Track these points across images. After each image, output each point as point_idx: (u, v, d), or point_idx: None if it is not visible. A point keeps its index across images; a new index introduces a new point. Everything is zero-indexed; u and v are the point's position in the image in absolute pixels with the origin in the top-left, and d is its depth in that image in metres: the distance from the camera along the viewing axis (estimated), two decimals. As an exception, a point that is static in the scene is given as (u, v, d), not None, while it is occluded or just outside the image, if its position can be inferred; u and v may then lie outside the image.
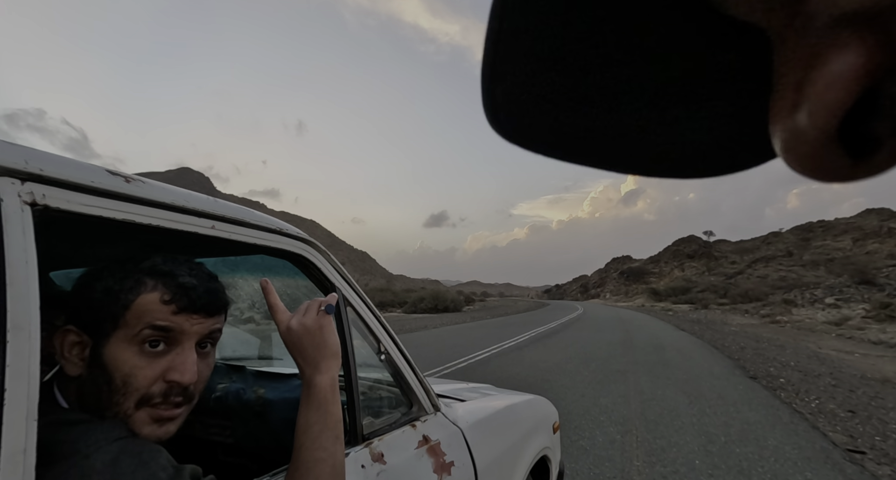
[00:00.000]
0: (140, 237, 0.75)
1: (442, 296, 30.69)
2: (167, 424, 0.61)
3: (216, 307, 0.67)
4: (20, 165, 0.50)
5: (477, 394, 1.63)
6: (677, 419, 4.27)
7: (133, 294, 0.60)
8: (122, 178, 0.63)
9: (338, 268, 0.98)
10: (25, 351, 0.44)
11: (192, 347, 0.64)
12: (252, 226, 0.82)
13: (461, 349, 9.15)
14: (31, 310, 0.46)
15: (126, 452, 0.51)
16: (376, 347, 1.05)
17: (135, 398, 0.59)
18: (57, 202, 0.53)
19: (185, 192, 0.73)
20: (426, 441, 1.04)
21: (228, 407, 1.30)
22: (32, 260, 0.48)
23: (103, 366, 0.58)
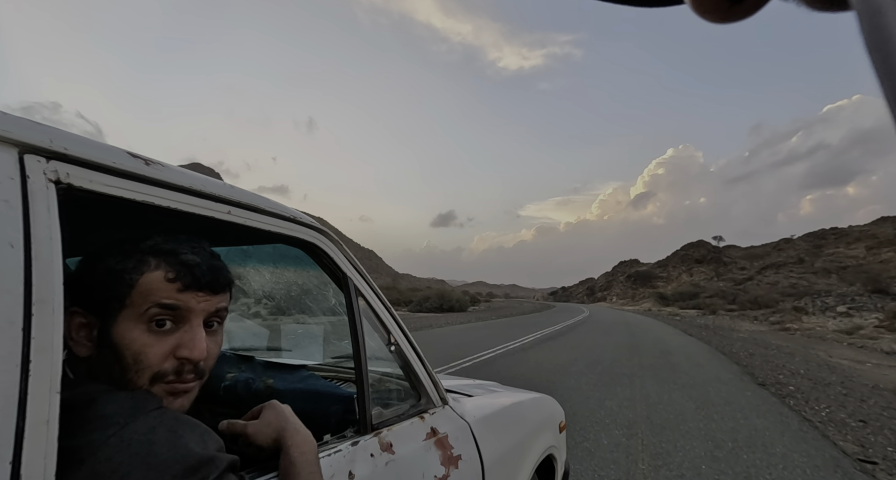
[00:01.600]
0: (155, 220, 0.76)
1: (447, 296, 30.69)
2: (181, 397, 0.62)
3: (220, 284, 0.67)
4: (45, 143, 0.51)
5: (484, 391, 1.63)
6: (683, 423, 4.23)
7: (137, 273, 0.61)
8: (142, 161, 0.64)
9: (350, 258, 0.98)
10: (49, 324, 0.44)
11: (199, 324, 0.64)
12: (267, 213, 0.82)
13: (466, 348, 9.14)
14: (55, 285, 0.46)
15: (162, 423, 0.52)
16: (386, 338, 1.05)
17: (147, 375, 0.59)
18: (80, 181, 0.54)
19: (202, 177, 0.74)
20: (434, 433, 1.03)
21: (237, 396, 1.31)
22: (56, 236, 0.49)
23: (113, 346, 0.59)
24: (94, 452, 0.48)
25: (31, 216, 0.47)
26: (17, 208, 0.46)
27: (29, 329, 0.43)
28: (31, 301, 0.44)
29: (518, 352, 8.99)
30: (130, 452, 0.49)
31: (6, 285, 0.42)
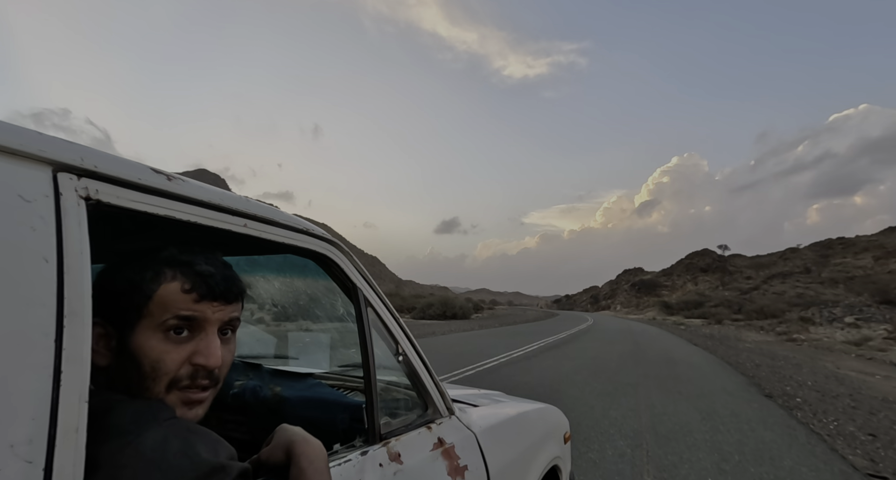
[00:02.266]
0: (174, 233, 0.78)
1: (451, 303, 30.60)
2: (196, 407, 0.64)
3: (234, 293, 0.69)
4: (77, 162, 0.54)
5: (489, 400, 1.63)
6: (689, 435, 4.18)
7: (155, 284, 0.63)
8: (164, 176, 0.66)
9: (359, 269, 1.00)
10: (80, 336, 0.46)
11: (214, 333, 0.66)
12: (280, 226, 0.84)
13: (470, 356, 9.10)
14: (85, 298, 0.49)
15: (174, 433, 0.53)
16: (394, 348, 1.06)
17: (164, 382, 0.61)
18: (108, 197, 0.56)
19: (220, 191, 0.76)
20: (441, 443, 1.04)
21: (245, 404, 1.33)
22: (86, 251, 0.51)
23: (131, 355, 0.61)
24: (110, 460, 0.49)
25: (64, 232, 0.49)
26: (51, 224, 0.48)
27: (61, 340, 0.45)
28: (63, 313, 0.46)
29: (522, 361, 8.94)
30: (145, 460, 0.50)
31: (41, 298, 0.44)
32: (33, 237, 0.46)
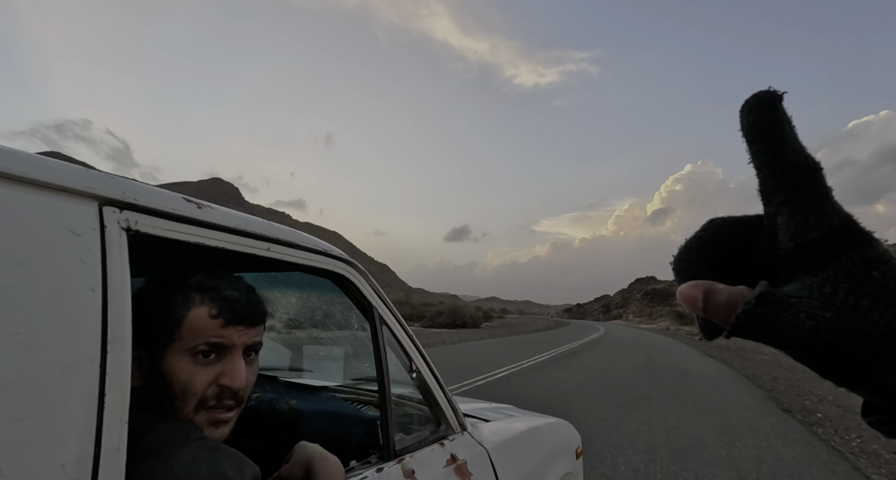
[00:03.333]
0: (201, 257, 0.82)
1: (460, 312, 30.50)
2: (222, 427, 0.67)
3: (257, 317, 0.73)
4: (119, 196, 0.58)
5: (500, 415, 1.64)
6: (705, 450, 4.10)
7: (184, 309, 0.66)
8: (195, 205, 0.70)
9: (375, 288, 1.03)
10: (121, 361, 0.50)
11: (239, 355, 0.70)
12: (301, 248, 0.88)
13: (479, 366, 9.05)
14: (126, 325, 0.52)
15: (203, 453, 0.57)
16: (408, 365, 1.08)
17: (193, 403, 0.65)
18: (146, 227, 0.60)
19: (245, 217, 0.80)
20: (454, 459, 1.06)
21: (262, 416, 1.36)
22: (127, 279, 0.55)
23: (162, 377, 0.65)
24: (145, 478, 0.53)
25: (108, 262, 0.53)
26: (97, 256, 0.52)
27: (105, 365, 0.48)
28: (106, 340, 0.49)
29: (532, 371, 8.86)
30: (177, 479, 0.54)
31: (88, 326, 0.48)
32: (82, 269, 0.49)
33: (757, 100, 0.23)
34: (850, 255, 0.21)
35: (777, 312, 0.21)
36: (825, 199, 0.22)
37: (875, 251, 0.21)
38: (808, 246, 0.21)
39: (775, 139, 0.22)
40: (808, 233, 0.21)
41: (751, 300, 0.21)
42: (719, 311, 0.23)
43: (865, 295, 0.20)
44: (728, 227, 0.25)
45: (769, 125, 0.22)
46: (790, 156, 0.22)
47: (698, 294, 0.23)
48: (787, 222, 0.22)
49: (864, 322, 0.19)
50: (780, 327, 0.21)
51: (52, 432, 0.42)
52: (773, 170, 0.22)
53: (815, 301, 0.20)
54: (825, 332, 0.20)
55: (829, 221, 0.21)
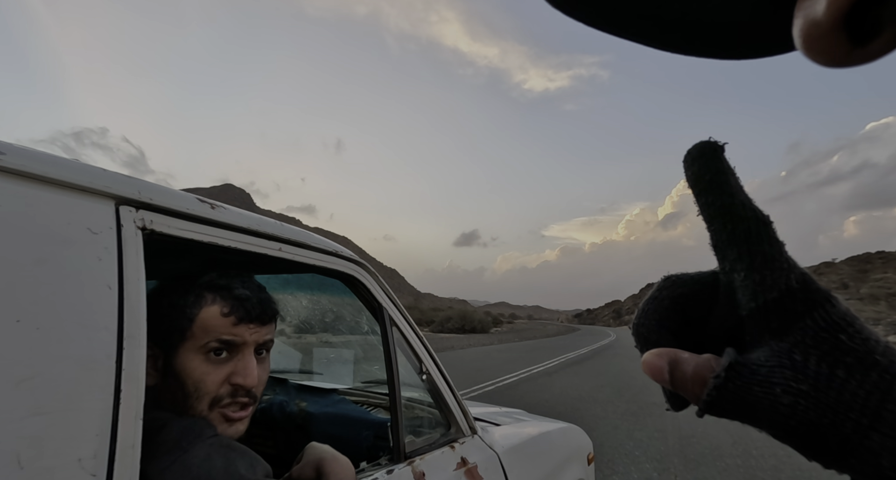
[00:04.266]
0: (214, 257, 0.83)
1: (469, 317, 30.41)
2: (236, 424, 0.68)
3: (268, 316, 0.73)
4: (135, 195, 0.59)
5: (511, 419, 1.62)
6: (720, 459, 4.00)
7: (196, 308, 0.67)
8: (208, 205, 0.71)
9: (385, 290, 1.03)
10: (137, 358, 0.51)
11: (251, 354, 0.70)
12: (312, 249, 0.88)
13: (489, 372, 8.99)
14: (141, 322, 0.53)
15: (217, 450, 0.57)
16: (418, 367, 1.08)
17: (206, 401, 0.65)
18: (161, 227, 0.61)
19: (257, 217, 0.81)
20: (464, 463, 1.05)
21: (273, 419, 1.36)
22: (142, 277, 0.56)
23: (175, 375, 0.65)
24: (159, 475, 0.53)
25: (124, 260, 0.54)
26: (114, 254, 0.53)
27: (121, 362, 0.49)
28: (122, 337, 0.50)
29: (542, 377, 8.77)
30: (191, 476, 0.54)
31: (104, 323, 0.49)
32: (100, 266, 0.50)
33: (700, 151, 0.22)
34: (813, 317, 0.20)
35: (750, 385, 0.19)
36: (780, 255, 0.21)
37: (838, 311, 0.20)
38: (769, 307, 0.20)
39: (722, 191, 0.21)
40: (768, 292, 0.20)
41: (720, 373, 0.20)
42: (686, 385, 0.21)
43: (838, 362, 0.18)
44: (683, 286, 0.24)
45: (714, 176, 0.22)
46: (738, 210, 0.21)
47: (663, 364, 0.22)
48: (744, 280, 0.21)
49: (843, 394, 0.18)
50: (756, 404, 0.19)
51: (70, 427, 0.42)
52: (723, 224, 0.21)
53: (787, 371, 0.19)
54: (805, 409, 0.18)
55: (788, 279, 0.20)
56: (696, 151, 0.22)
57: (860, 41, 0.15)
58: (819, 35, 0.15)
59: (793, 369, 0.19)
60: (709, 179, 0.22)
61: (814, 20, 0.15)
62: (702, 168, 0.22)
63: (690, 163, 0.22)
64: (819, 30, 0.15)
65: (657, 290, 0.25)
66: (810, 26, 0.16)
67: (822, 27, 0.15)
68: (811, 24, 0.16)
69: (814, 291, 0.20)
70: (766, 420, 0.19)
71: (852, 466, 0.18)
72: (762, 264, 0.20)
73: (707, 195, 0.22)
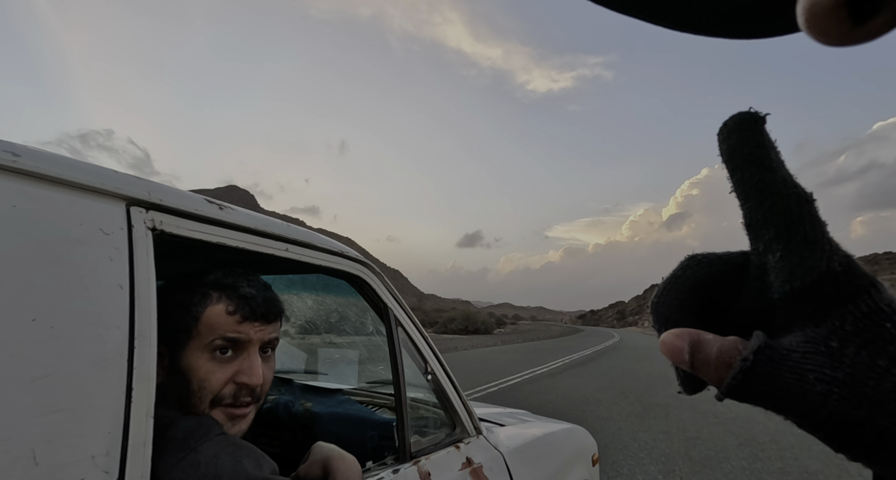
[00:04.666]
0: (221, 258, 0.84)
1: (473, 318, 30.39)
2: (239, 422, 0.68)
3: (274, 314, 0.74)
4: (145, 196, 0.60)
5: (515, 420, 1.62)
6: (726, 462, 3.98)
7: (202, 306, 0.68)
8: (216, 206, 0.72)
9: (390, 290, 1.03)
10: (148, 356, 0.51)
11: (256, 352, 0.71)
12: (318, 249, 0.89)
13: (492, 373, 8.98)
14: (151, 321, 0.54)
15: (224, 448, 0.58)
16: (423, 367, 1.08)
17: (210, 399, 0.66)
18: (170, 227, 0.62)
19: (264, 218, 0.81)
20: (469, 463, 1.05)
21: (278, 419, 1.37)
22: (152, 277, 0.56)
23: (181, 373, 0.66)
24: (168, 473, 0.54)
25: (135, 260, 0.54)
26: (125, 254, 0.53)
27: (132, 360, 0.49)
28: (133, 336, 0.51)
29: (546, 378, 8.74)
30: (199, 474, 0.54)
31: (116, 322, 0.50)
32: (111, 266, 0.51)
33: (738, 123, 0.20)
34: (856, 303, 0.18)
35: (780, 371, 0.18)
36: (821, 237, 0.19)
37: (884, 298, 0.18)
38: (806, 291, 0.19)
39: (761, 166, 0.20)
40: (806, 275, 0.19)
41: (748, 356, 0.18)
42: (710, 368, 0.20)
43: (881, 351, 0.17)
44: (710, 266, 0.22)
45: (753, 150, 0.20)
46: (779, 186, 0.19)
47: (684, 345, 0.20)
48: (779, 262, 0.19)
49: (883, 385, 0.16)
50: (785, 390, 0.18)
51: (83, 424, 0.43)
52: (760, 201, 0.20)
53: (822, 357, 0.18)
54: (839, 399, 0.17)
55: (829, 262, 0.19)
56: (733, 123, 0.20)
57: (860, 20, 0.15)
58: (821, 13, 0.16)
59: (829, 356, 0.17)
60: (747, 153, 0.20)
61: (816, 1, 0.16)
62: (739, 141, 0.20)
63: (727, 136, 0.21)
64: (821, 8, 0.15)
65: (680, 269, 0.23)
66: (813, 5, 0.16)
67: (824, 6, 0.15)
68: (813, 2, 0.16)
69: (859, 276, 0.19)
70: (794, 408, 0.18)
71: (884, 461, 0.17)
72: (801, 245, 0.19)
73: (744, 170, 0.20)
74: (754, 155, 0.20)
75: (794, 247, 0.19)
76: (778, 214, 0.19)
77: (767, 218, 0.20)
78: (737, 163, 0.20)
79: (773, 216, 0.20)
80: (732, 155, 0.20)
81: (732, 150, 0.20)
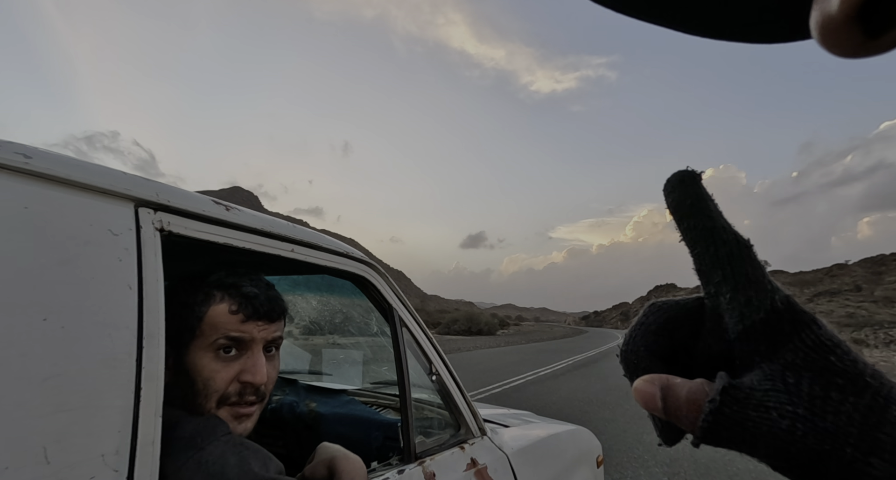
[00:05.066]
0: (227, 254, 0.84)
1: (476, 319, 30.36)
2: (245, 421, 0.69)
3: (277, 313, 0.74)
4: (153, 197, 0.60)
5: (519, 421, 1.62)
6: (731, 464, 3.95)
7: (205, 306, 0.68)
8: (223, 207, 0.72)
9: (395, 290, 1.04)
10: (156, 356, 0.52)
11: (260, 351, 0.71)
12: (323, 250, 0.89)
13: (495, 374, 8.97)
14: (160, 322, 0.54)
15: (230, 448, 0.58)
16: (427, 368, 1.08)
17: (215, 398, 0.66)
18: (177, 228, 0.62)
19: (270, 219, 0.82)
20: (474, 464, 1.05)
21: (283, 419, 1.37)
22: (160, 277, 0.57)
23: (186, 372, 0.66)
24: (175, 472, 0.54)
25: (143, 261, 0.55)
26: (133, 255, 0.54)
27: (140, 360, 0.50)
28: (142, 335, 0.51)
29: (549, 379, 8.72)
30: (206, 473, 0.55)
31: (125, 322, 0.50)
32: (120, 267, 0.52)
33: (679, 179, 0.23)
34: (801, 338, 0.19)
35: (746, 409, 0.19)
36: (762, 277, 0.21)
37: (824, 332, 0.20)
38: (756, 328, 0.20)
39: (703, 215, 0.22)
40: (755, 313, 0.20)
41: (714, 396, 0.19)
42: (681, 411, 0.21)
43: (831, 384, 0.18)
44: (669, 311, 0.24)
45: (695, 201, 0.22)
46: (720, 233, 0.22)
47: (655, 390, 0.21)
48: (730, 302, 0.21)
49: (839, 418, 0.17)
50: (754, 429, 0.19)
51: (93, 423, 0.44)
52: (706, 247, 0.22)
53: (782, 394, 0.19)
54: (803, 434, 0.18)
55: (773, 299, 0.20)
56: (675, 179, 0.23)
57: (873, 34, 0.16)
58: (834, 28, 0.16)
59: (787, 392, 0.19)
60: (689, 204, 0.22)
61: (829, 14, 0.16)
62: (682, 194, 0.23)
63: (671, 191, 0.23)
64: (834, 23, 0.16)
65: (643, 316, 0.25)
66: (825, 19, 0.16)
67: (837, 21, 0.16)
68: (826, 17, 0.16)
69: (799, 312, 0.20)
70: (764, 447, 0.19)
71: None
72: (746, 285, 0.21)
73: (689, 219, 0.22)
74: (696, 206, 0.22)
75: (741, 287, 0.21)
76: (723, 257, 0.21)
77: (714, 261, 0.22)
78: (682, 214, 0.23)
79: (719, 259, 0.21)
80: (678, 206, 0.23)
81: (677, 202, 0.23)
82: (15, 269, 0.42)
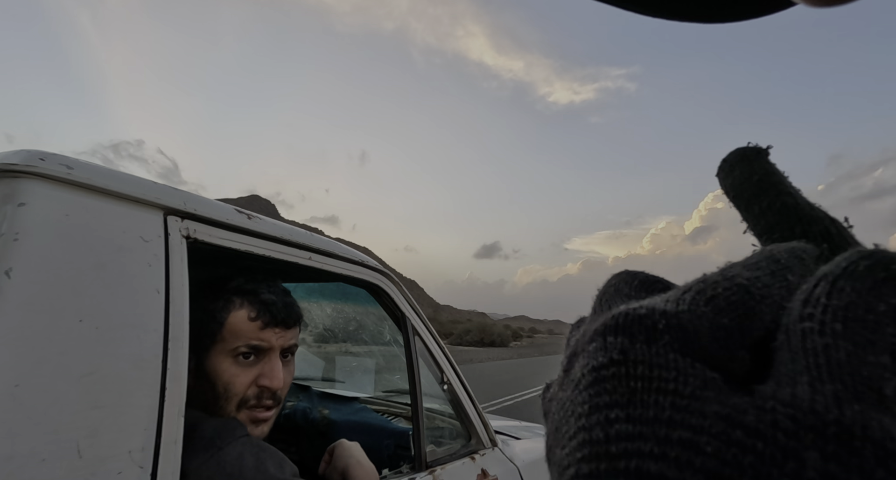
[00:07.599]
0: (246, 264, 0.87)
1: (489, 330, 30.10)
2: (262, 425, 0.70)
3: (293, 319, 0.76)
4: (181, 206, 0.63)
5: (531, 433, 1.60)
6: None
7: (226, 312, 0.70)
8: (245, 216, 0.75)
9: (408, 299, 1.05)
10: (180, 358, 0.54)
11: (277, 357, 0.73)
12: (339, 258, 0.92)
13: (508, 386, 8.85)
14: (184, 325, 0.56)
15: (248, 449, 0.60)
16: (440, 377, 1.09)
17: (235, 402, 0.68)
18: (203, 236, 0.65)
19: (289, 228, 0.85)
20: (485, 475, 1.04)
21: (296, 425, 1.39)
22: (186, 283, 0.59)
23: (206, 376, 0.68)
24: (196, 471, 0.56)
25: (171, 267, 0.58)
26: (162, 260, 0.57)
27: (166, 362, 0.52)
28: (168, 338, 0.53)
29: (563, 393, 8.57)
30: (224, 472, 0.56)
31: (153, 325, 0.52)
32: (149, 272, 0.54)
33: (739, 156, 0.19)
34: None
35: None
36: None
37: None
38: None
39: (781, 191, 0.17)
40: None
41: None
42: None
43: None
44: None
45: (764, 177, 0.18)
46: (807, 210, 0.17)
47: None
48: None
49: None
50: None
51: (122, 421, 0.46)
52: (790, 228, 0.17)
53: None
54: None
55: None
56: (734, 157, 0.19)
57: None
58: None
59: None
60: (757, 181, 0.18)
61: None
62: (747, 171, 0.18)
63: (730, 170, 0.19)
64: None
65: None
66: None
67: None
68: None
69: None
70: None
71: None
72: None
73: (763, 198, 0.17)
74: (768, 183, 0.18)
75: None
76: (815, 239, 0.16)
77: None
78: (752, 194, 0.18)
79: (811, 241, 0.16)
80: (742, 186, 0.18)
81: (742, 182, 0.18)
82: (57, 274, 0.45)
